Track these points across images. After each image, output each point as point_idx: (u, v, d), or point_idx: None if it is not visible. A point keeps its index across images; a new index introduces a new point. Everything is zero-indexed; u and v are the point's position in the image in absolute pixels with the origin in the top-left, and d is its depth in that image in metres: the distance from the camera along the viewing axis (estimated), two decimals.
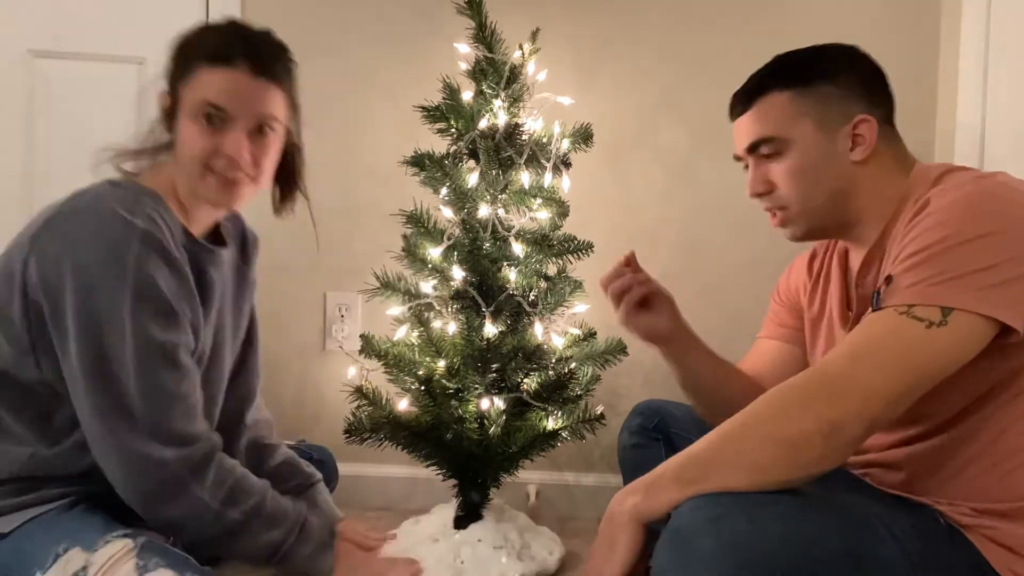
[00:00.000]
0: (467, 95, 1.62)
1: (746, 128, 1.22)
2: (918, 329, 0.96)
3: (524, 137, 1.60)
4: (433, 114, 1.62)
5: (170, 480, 1.16)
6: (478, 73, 1.62)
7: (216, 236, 1.40)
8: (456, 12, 1.61)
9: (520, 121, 1.61)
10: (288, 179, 1.42)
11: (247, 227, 1.51)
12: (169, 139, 1.30)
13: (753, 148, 1.21)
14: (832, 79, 1.18)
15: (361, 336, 1.64)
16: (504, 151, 1.59)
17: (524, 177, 1.59)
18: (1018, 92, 1.75)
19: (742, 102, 1.23)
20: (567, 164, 1.64)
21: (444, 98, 1.62)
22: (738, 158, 1.27)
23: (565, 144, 1.63)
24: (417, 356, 1.61)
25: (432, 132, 1.64)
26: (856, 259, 1.24)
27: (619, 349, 1.65)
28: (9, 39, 2.05)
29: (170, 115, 1.28)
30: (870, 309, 1.02)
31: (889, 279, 1.01)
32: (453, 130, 1.63)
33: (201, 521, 1.20)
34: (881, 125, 1.18)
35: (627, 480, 1.51)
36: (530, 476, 1.92)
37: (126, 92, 1.97)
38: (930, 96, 1.93)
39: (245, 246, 1.49)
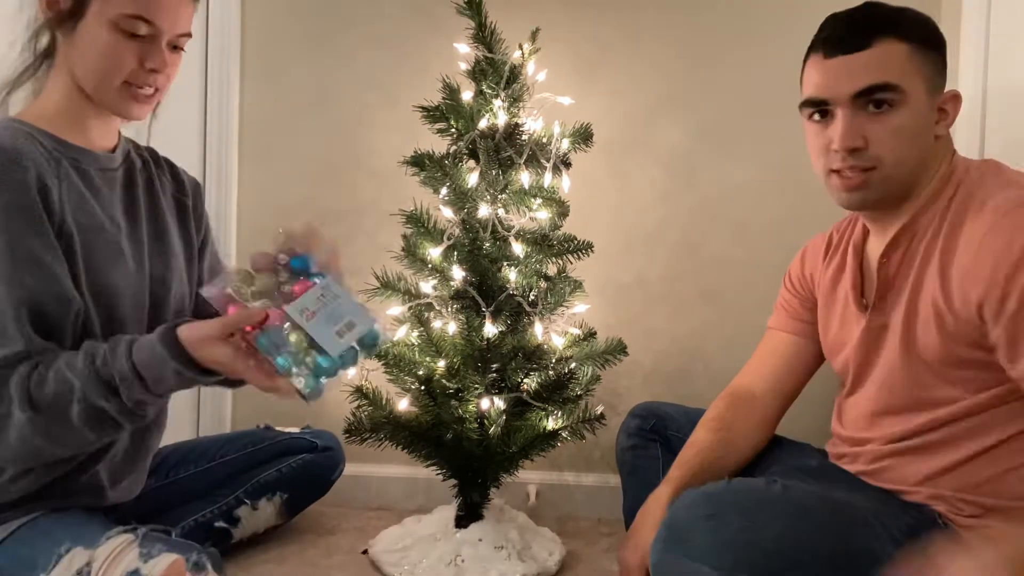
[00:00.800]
0: (467, 95, 1.62)
1: (861, 68, 1.11)
2: None
3: (524, 137, 1.60)
4: (433, 114, 1.62)
5: None
6: (478, 73, 1.62)
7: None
8: (456, 12, 1.61)
9: (520, 121, 1.61)
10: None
11: (181, 169, 1.49)
12: (46, 45, 1.25)
13: (866, 92, 1.11)
14: (938, 47, 1.14)
15: None
16: (504, 151, 1.59)
17: (524, 177, 1.59)
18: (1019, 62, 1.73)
19: (857, 37, 1.11)
20: (567, 164, 1.64)
21: (444, 98, 1.62)
22: (818, 103, 1.15)
23: (565, 144, 1.63)
24: (417, 356, 1.61)
25: (432, 132, 1.64)
26: (878, 240, 1.21)
27: (619, 349, 1.65)
28: None
29: (65, 18, 1.22)
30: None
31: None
32: (453, 130, 1.63)
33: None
34: None
35: (625, 481, 1.52)
36: (530, 476, 1.92)
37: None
38: None
39: (176, 176, 1.47)
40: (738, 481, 1.06)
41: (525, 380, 1.62)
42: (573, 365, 1.62)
